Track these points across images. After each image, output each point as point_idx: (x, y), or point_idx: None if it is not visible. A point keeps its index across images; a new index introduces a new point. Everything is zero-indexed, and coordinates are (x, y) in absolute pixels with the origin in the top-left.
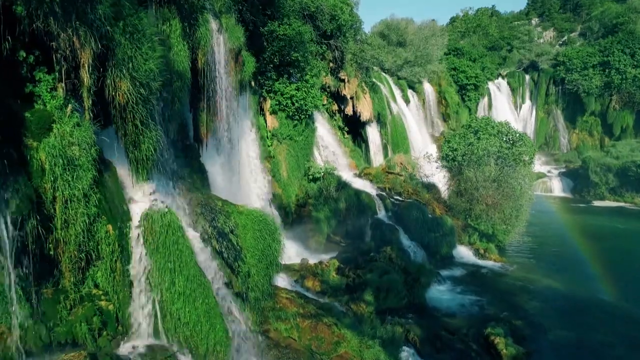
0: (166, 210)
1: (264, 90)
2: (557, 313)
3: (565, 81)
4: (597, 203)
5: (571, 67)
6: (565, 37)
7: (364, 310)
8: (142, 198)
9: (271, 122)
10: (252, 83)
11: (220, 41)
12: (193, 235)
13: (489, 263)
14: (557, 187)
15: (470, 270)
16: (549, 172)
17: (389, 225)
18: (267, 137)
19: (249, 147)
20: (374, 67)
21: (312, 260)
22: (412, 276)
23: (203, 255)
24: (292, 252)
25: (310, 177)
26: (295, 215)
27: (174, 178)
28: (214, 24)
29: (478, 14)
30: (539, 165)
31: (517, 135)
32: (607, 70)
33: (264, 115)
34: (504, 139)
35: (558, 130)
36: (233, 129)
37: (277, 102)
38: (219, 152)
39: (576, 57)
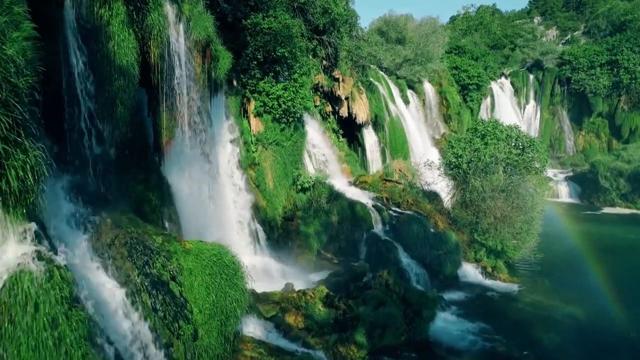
0: (49, 268)
1: (247, 91)
2: (581, 351)
3: (571, 81)
4: (607, 210)
5: (577, 66)
6: (569, 36)
7: (354, 355)
8: (17, 249)
9: (255, 125)
10: (234, 82)
11: (180, 31)
12: (112, 289)
13: (497, 284)
14: (564, 192)
15: (478, 292)
16: (554, 176)
17: (386, 242)
18: (252, 142)
19: (228, 154)
20: (371, 66)
21: (299, 282)
22: (413, 307)
23: (126, 318)
24: (277, 272)
25: (299, 186)
26: (281, 230)
27: (96, 207)
28: (170, 10)
29: (480, 12)
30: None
31: (528, 140)
32: (615, 70)
33: (247, 118)
34: (513, 144)
35: (564, 131)
36: (207, 134)
37: (262, 104)
38: (188, 161)
39: (583, 56)
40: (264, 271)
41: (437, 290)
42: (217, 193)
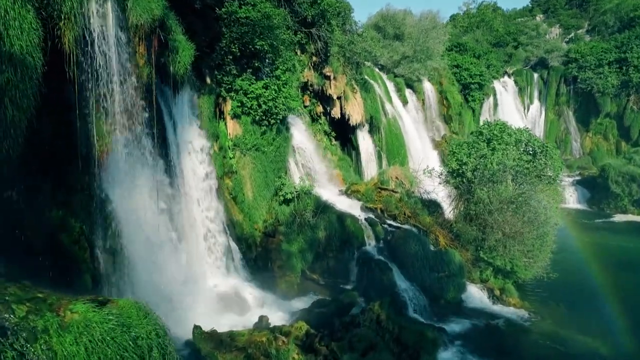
0: None
1: (222, 89)
2: None
3: (578, 80)
4: (618, 217)
5: (584, 65)
6: (572, 34)
7: None
8: None
9: (233, 128)
10: (208, 80)
11: (108, 10)
12: None
13: (507, 310)
14: (572, 198)
15: (485, 321)
16: (560, 180)
17: (379, 262)
18: (229, 148)
19: (196, 161)
20: (366, 63)
21: (278, 312)
22: (409, 351)
23: None
24: (253, 299)
25: (282, 197)
26: (260, 248)
27: None
28: None
29: (481, 9)
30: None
31: (539, 145)
32: (624, 68)
33: (224, 119)
34: (523, 149)
35: (570, 133)
36: (170, 138)
37: (239, 104)
38: (137, 173)
39: (590, 54)
40: (238, 298)
41: (438, 319)
42: (180, 208)
